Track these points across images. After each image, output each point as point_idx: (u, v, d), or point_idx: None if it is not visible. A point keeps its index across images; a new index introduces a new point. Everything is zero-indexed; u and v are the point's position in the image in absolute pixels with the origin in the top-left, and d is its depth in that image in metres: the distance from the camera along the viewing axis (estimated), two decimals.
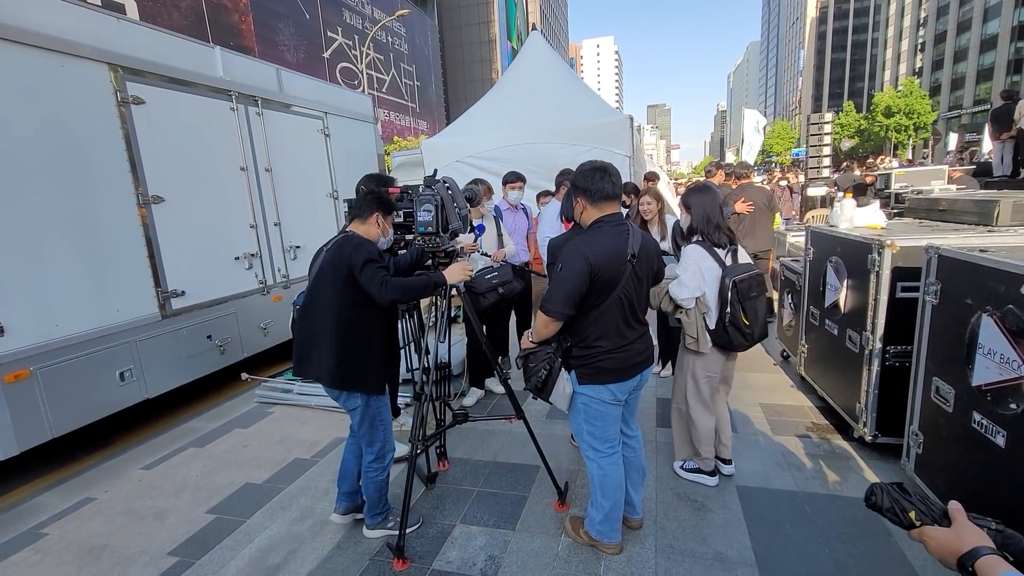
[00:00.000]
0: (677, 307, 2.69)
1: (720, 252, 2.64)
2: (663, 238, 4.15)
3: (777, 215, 6.65)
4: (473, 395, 4.35)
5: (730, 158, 21.47)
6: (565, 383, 2.22)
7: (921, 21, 52.59)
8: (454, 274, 2.51)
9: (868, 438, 3.04)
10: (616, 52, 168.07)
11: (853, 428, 3.20)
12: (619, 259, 2.07)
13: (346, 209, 2.83)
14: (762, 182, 11.51)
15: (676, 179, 19.20)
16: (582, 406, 2.25)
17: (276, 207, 5.63)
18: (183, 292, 4.47)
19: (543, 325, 2.15)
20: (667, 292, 2.68)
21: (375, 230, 2.49)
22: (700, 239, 2.67)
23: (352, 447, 2.77)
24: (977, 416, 2.09)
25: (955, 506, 0.97)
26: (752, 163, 20.86)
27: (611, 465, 2.29)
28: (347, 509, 2.77)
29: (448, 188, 2.53)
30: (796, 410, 3.81)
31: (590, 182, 2.12)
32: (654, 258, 2.27)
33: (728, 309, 2.57)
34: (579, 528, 2.50)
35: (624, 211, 4.17)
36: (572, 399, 2.25)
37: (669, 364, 4.69)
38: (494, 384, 4.51)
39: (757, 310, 2.64)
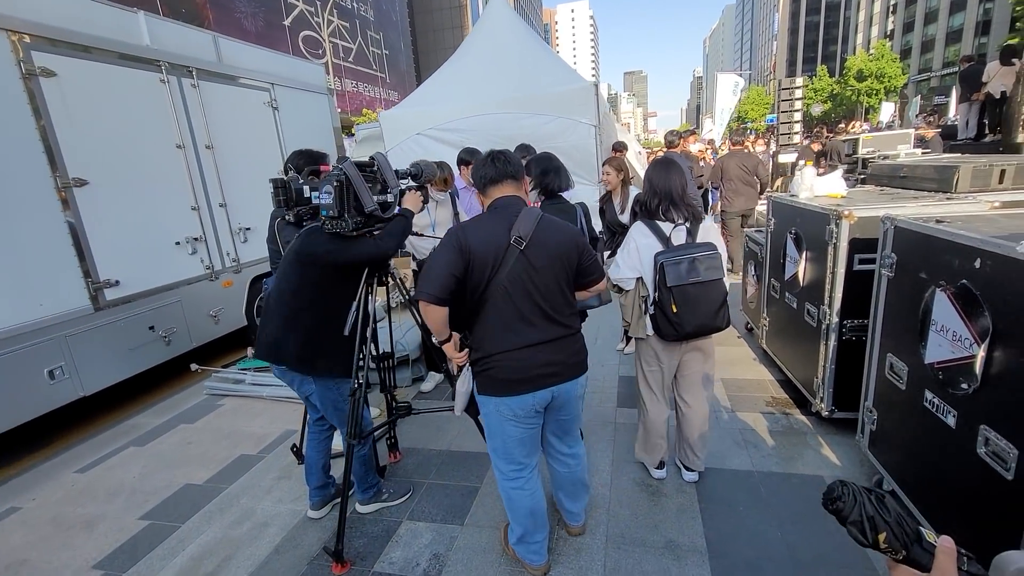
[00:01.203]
0: (621, 290, 2.53)
1: (666, 228, 2.37)
2: (623, 210, 4.00)
3: None
4: (431, 380, 4.21)
5: (708, 125, 21.23)
6: (463, 381, 2.01)
7: None
8: (413, 202, 2.51)
9: (825, 413, 3.00)
10: (591, 17, 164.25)
11: (811, 403, 3.16)
12: (497, 241, 1.82)
13: (272, 190, 2.57)
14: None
15: (651, 148, 18.94)
16: (484, 416, 2.01)
17: (221, 187, 5.29)
18: (117, 282, 4.17)
19: (424, 314, 1.87)
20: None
21: None
22: (644, 214, 2.47)
23: (313, 441, 2.68)
24: (929, 395, 2.02)
25: (946, 546, 0.68)
26: (725, 128, 20.75)
27: (514, 491, 2.02)
28: (322, 503, 2.74)
29: (373, 167, 2.32)
30: (757, 384, 3.76)
31: (476, 172, 2.00)
32: (564, 245, 1.91)
33: (655, 292, 2.35)
34: (507, 545, 2.29)
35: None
36: (469, 401, 2.05)
37: (633, 341, 4.60)
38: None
39: (694, 298, 2.28)
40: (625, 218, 4.00)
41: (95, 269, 4.01)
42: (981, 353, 1.71)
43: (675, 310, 2.28)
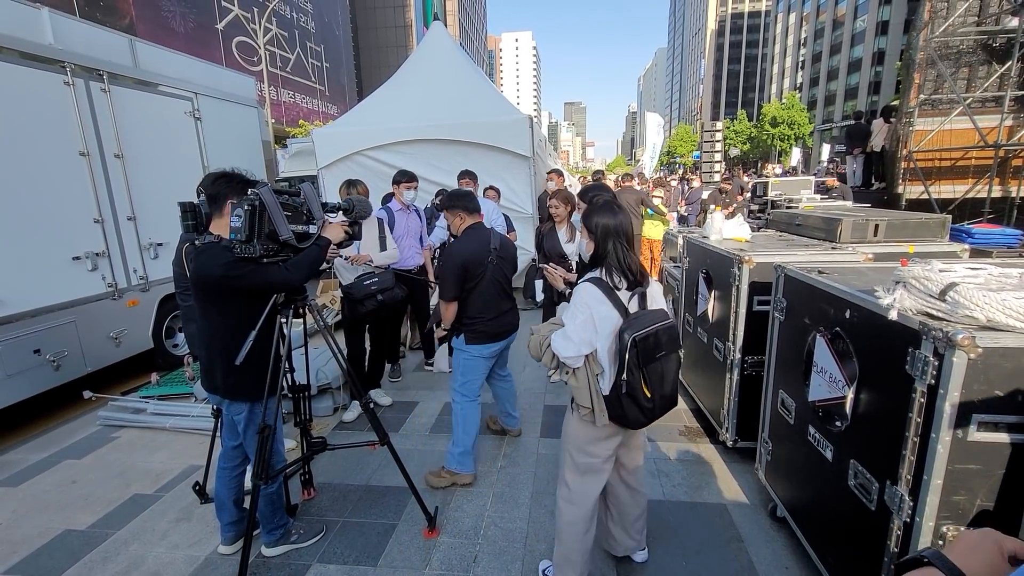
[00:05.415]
0: (561, 364, 2.04)
1: (624, 296, 1.97)
2: (570, 239, 4.15)
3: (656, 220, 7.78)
4: (354, 409, 4.07)
5: (641, 159, 22.69)
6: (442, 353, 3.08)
7: (802, 41, 58.37)
8: (333, 233, 2.45)
9: (729, 443, 3.20)
10: (534, 48, 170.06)
11: (719, 432, 3.36)
12: (484, 251, 2.99)
13: (180, 214, 2.48)
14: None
15: (583, 175, 19.72)
16: (463, 362, 3.07)
17: (130, 199, 4.95)
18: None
19: (445, 309, 3.00)
20: (549, 344, 2.04)
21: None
22: (599, 275, 2.00)
23: (224, 478, 2.53)
24: (812, 430, 2.22)
25: None
26: (656, 162, 22.22)
27: (474, 408, 3.10)
28: (235, 538, 2.58)
29: (297, 195, 2.27)
30: (673, 414, 3.87)
31: (468, 201, 3.08)
32: (512, 252, 3.24)
33: (624, 375, 1.88)
34: (440, 472, 3.08)
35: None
36: (453, 358, 3.17)
37: (561, 370, 4.70)
38: (379, 395, 4.27)
39: (664, 374, 1.97)
40: (570, 248, 4.14)
41: None
42: (850, 395, 1.92)
43: (649, 394, 1.93)
